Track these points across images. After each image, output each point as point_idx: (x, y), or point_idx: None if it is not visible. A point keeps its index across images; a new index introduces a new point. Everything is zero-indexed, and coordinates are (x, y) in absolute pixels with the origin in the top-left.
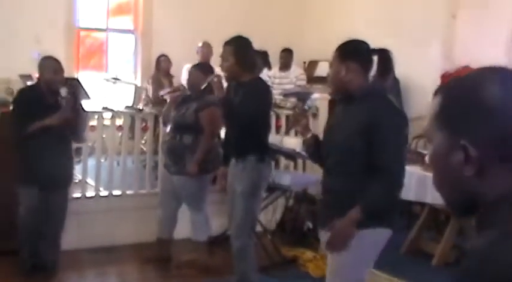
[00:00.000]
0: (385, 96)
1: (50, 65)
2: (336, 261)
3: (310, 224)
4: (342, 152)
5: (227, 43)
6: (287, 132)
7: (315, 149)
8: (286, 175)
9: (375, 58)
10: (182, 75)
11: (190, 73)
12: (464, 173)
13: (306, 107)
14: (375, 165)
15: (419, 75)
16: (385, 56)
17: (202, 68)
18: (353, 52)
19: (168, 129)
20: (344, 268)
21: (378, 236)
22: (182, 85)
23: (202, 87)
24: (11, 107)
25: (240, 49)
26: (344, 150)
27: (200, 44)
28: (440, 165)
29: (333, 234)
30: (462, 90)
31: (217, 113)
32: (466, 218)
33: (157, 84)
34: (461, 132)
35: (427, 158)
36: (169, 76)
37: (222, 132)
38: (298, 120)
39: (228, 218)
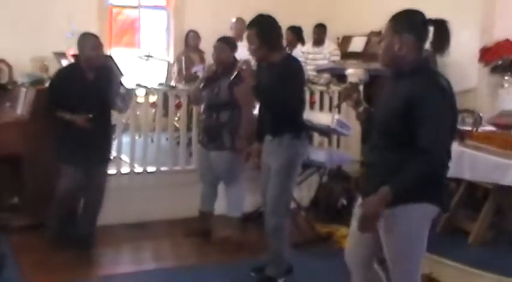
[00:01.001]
0: (435, 73)
1: (89, 41)
2: (387, 239)
3: (344, 201)
4: (385, 127)
5: (249, 26)
6: (338, 107)
7: (369, 123)
8: (320, 152)
9: (431, 29)
10: None
11: (216, 47)
12: None
13: (357, 80)
14: (417, 145)
15: (457, 50)
16: (442, 27)
17: (228, 42)
18: (408, 23)
19: (202, 108)
20: (397, 245)
21: (417, 212)
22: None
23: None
24: (46, 84)
25: (263, 30)
26: (386, 126)
27: (234, 20)
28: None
29: (362, 214)
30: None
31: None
32: None
33: (188, 61)
34: None
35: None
36: (199, 52)
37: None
38: (349, 95)
39: (261, 195)
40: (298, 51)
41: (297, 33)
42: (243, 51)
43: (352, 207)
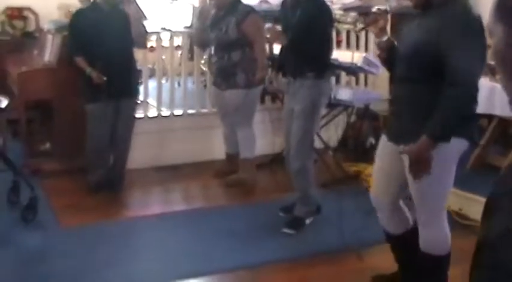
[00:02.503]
0: (466, 3)
1: None
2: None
3: (372, 140)
4: (410, 62)
5: None
6: (363, 30)
7: (389, 55)
8: (347, 91)
9: None
10: None
11: None
12: None
13: (387, 7)
14: (447, 79)
15: None
16: None
17: None
18: None
19: (213, 50)
20: (425, 181)
21: (452, 146)
22: None
23: None
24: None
25: None
26: (412, 60)
27: None
28: (505, 59)
29: (411, 163)
30: None
31: (260, 19)
32: None
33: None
34: None
35: (490, 55)
36: None
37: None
38: (376, 20)
39: (285, 137)
40: None
41: None
42: None
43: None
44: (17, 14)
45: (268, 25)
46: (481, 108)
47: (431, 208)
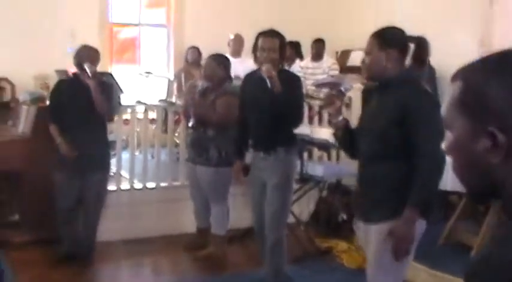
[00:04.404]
0: (420, 83)
1: (87, 53)
2: (375, 253)
3: (344, 215)
4: (378, 140)
5: (272, 35)
6: (320, 114)
7: (344, 134)
8: (319, 166)
9: (411, 45)
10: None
11: (207, 64)
12: (489, 160)
13: (342, 89)
14: (415, 153)
15: (456, 63)
16: (421, 43)
17: (216, 58)
18: (392, 39)
19: (191, 122)
20: (384, 260)
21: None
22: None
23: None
24: (47, 102)
25: (283, 42)
26: (381, 138)
27: (232, 36)
28: (463, 153)
29: (396, 241)
30: (486, 74)
31: (234, 102)
32: (483, 205)
33: (188, 76)
34: (488, 118)
35: (443, 145)
36: (199, 67)
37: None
38: (331, 102)
39: (253, 212)
40: (297, 66)
41: (295, 48)
42: (241, 67)
43: (353, 222)
44: None
45: (268, 65)
46: (449, 185)
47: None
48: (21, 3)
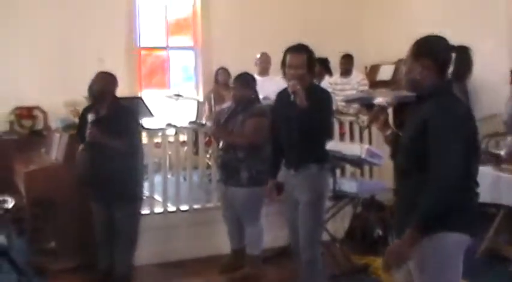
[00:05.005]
0: (451, 94)
1: (94, 77)
2: (415, 270)
3: (379, 231)
4: (406, 154)
5: (299, 51)
6: (367, 128)
7: (396, 147)
8: (352, 182)
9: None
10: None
11: (234, 86)
12: None
13: (385, 103)
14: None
15: (488, 73)
16: (463, 54)
17: (242, 79)
18: (428, 49)
19: (221, 144)
20: (425, 275)
21: (451, 241)
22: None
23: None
24: None
25: (312, 57)
26: (408, 152)
27: (258, 55)
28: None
29: (387, 253)
30: None
31: (263, 123)
32: None
33: (218, 98)
34: None
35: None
36: (229, 88)
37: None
38: (376, 117)
39: (290, 230)
40: (326, 83)
41: (324, 65)
42: (269, 85)
43: (389, 236)
44: (26, 113)
45: (295, 81)
46: (486, 197)
47: None
48: (49, 30)
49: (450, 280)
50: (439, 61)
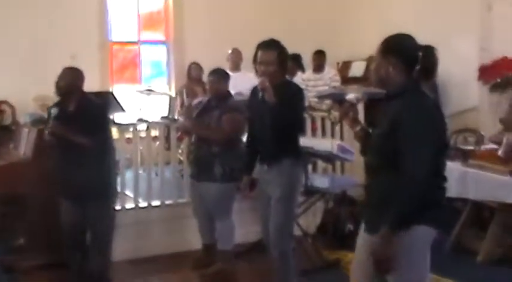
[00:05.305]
0: (419, 92)
1: (61, 73)
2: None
3: (351, 226)
4: (376, 151)
5: (268, 47)
6: (323, 126)
7: (366, 141)
8: (324, 178)
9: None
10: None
11: (210, 80)
12: None
13: (355, 99)
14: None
15: (457, 69)
16: (429, 53)
17: (220, 73)
18: (396, 47)
19: (193, 139)
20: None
21: (416, 235)
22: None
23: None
24: None
25: (283, 53)
26: (378, 149)
27: (230, 51)
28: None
29: (375, 261)
30: None
31: (240, 119)
32: None
33: (191, 93)
34: None
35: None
36: (201, 83)
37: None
38: (346, 113)
39: (263, 225)
40: (299, 79)
41: (296, 61)
42: (241, 81)
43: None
44: None
45: (263, 77)
46: (454, 192)
47: None
48: (19, 25)
49: (419, 274)
50: (406, 59)
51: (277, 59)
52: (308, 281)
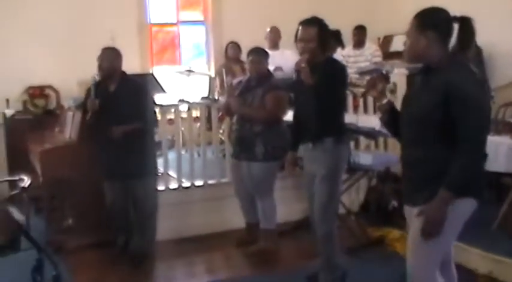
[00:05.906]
0: (466, 66)
1: (101, 54)
2: (411, 235)
3: (395, 203)
4: (419, 124)
5: (308, 24)
6: (365, 102)
7: (390, 117)
8: (367, 155)
9: (456, 26)
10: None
11: (250, 60)
12: None
13: (384, 71)
14: (457, 137)
15: (503, 42)
16: (466, 24)
17: (260, 52)
18: (432, 21)
19: (235, 118)
20: (417, 242)
21: (462, 207)
22: None
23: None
24: None
25: (323, 30)
26: (422, 121)
27: (268, 29)
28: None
29: (425, 221)
30: None
31: (283, 97)
32: None
33: (229, 72)
34: None
35: None
36: (240, 62)
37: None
38: (374, 84)
39: (309, 203)
40: (339, 55)
41: (336, 37)
42: (280, 59)
43: (402, 208)
44: (38, 92)
45: (302, 58)
46: (502, 167)
47: (423, 257)
48: (59, 11)
49: (445, 243)
50: (443, 32)
51: (317, 35)
52: (352, 258)
